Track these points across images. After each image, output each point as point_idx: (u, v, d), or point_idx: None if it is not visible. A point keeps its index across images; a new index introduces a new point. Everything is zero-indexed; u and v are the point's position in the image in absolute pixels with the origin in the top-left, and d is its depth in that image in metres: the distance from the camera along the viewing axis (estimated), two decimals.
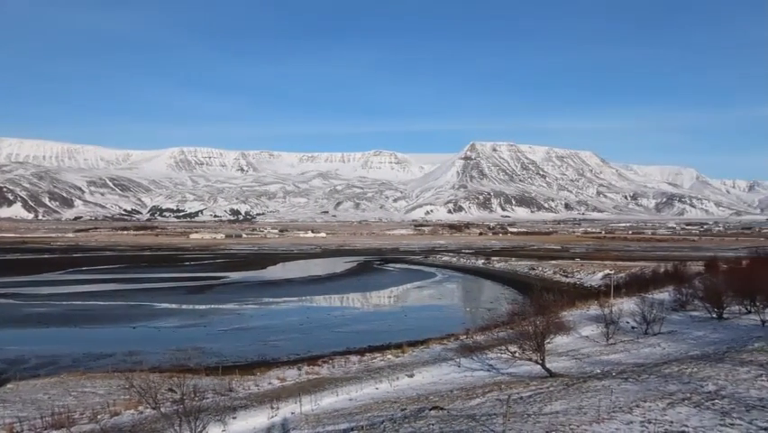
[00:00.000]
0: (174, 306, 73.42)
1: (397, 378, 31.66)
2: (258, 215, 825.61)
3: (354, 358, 41.08)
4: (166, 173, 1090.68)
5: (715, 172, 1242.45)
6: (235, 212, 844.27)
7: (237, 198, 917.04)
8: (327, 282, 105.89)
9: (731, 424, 14.94)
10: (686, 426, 15.18)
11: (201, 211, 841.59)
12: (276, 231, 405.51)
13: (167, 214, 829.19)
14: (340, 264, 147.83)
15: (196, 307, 72.93)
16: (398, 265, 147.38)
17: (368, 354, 42.43)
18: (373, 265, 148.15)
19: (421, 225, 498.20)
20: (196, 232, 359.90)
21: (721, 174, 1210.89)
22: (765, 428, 14.40)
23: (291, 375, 35.76)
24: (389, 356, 40.99)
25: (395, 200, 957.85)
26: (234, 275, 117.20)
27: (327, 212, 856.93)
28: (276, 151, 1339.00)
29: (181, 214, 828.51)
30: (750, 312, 43.67)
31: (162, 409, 22.87)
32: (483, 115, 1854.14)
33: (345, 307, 77.20)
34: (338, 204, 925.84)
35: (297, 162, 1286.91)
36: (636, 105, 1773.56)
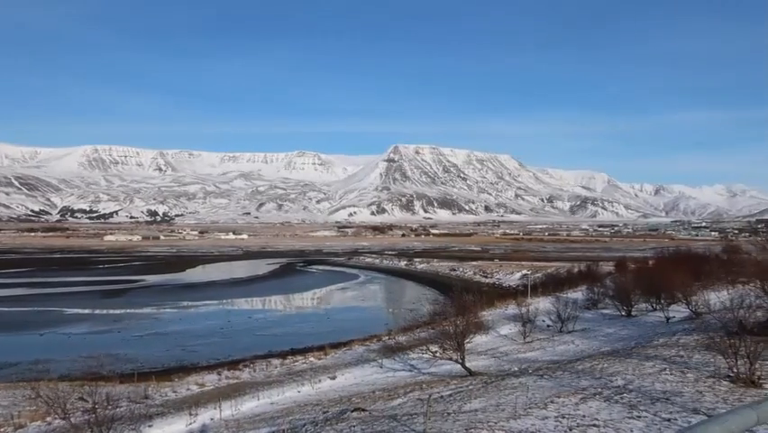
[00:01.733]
0: (86, 311, 70.34)
1: (320, 380, 31.53)
2: (177, 216, 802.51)
3: (276, 361, 40.63)
4: (77, 172, 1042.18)
5: (624, 177, 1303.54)
6: (153, 213, 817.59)
7: (155, 199, 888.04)
8: (249, 285, 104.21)
9: (638, 416, 15.68)
10: (597, 419, 15.83)
11: (116, 212, 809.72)
12: (195, 233, 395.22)
13: (79, 215, 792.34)
14: (262, 266, 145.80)
15: (110, 311, 70.13)
16: (322, 267, 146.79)
17: (290, 358, 42.07)
18: (296, 267, 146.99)
19: (344, 227, 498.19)
20: (111, 234, 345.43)
21: (630, 179, 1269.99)
22: (668, 419, 15.20)
23: (211, 380, 34.98)
24: (312, 359, 40.80)
25: (318, 202, 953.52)
26: (152, 278, 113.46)
27: (249, 213, 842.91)
28: (196, 150, 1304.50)
29: (95, 215, 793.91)
30: (655, 310, 45.97)
31: (72, 420, 21.82)
32: (406, 118, 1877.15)
33: (268, 309, 76.19)
34: (260, 205, 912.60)
35: (218, 162, 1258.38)
36: (554, 111, 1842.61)
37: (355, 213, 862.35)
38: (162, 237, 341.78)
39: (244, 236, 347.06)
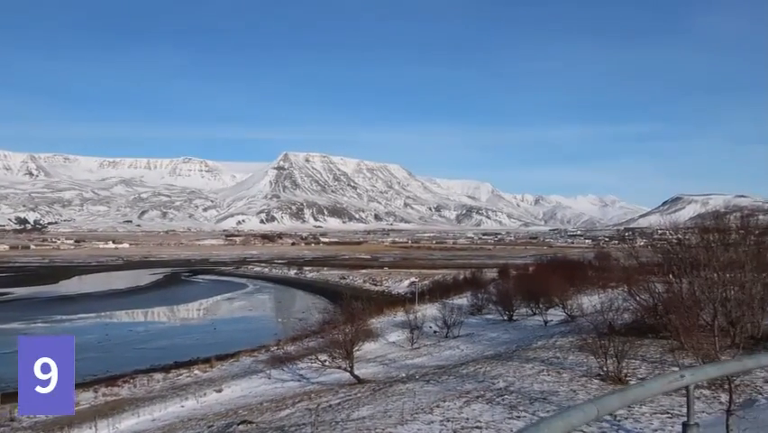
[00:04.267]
0: None
1: (205, 394, 30.57)
2: (50, 224, 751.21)
3: (159, 376, 38.98)
4: None
5: (507, 187, 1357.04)
6: (23, 221, 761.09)
7: (25, 206, 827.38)
8: (130, 296, 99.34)
9: (517, 416, 16.37)
10: (480, 421, 16.38)
11: None
12: (71, 241, 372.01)
13: None
14: (145, 276, 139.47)
15: None
16: (208, 277, 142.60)
17: (174, 371, 40.49)
18: (181, 277, 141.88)
19: (232, 236, 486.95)
20: None
21: (513, 189, 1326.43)
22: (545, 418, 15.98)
23: (86, 398, 32.98)
24: (197, 372, 39.50)
25: (205, 209, 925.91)
26: (20, 291, 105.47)
27: (131, 221, 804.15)
28: (72, 154, 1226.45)
29: None
30: (535, 314, 48.17)
31: None
32: (297, 125, 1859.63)
33: (150, 322, 72.93)
34: (143, 213, 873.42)
35: (96, 168, 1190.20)
36: (442, 122, 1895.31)
37: (244, 221, 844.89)
38: (33, 247, 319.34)
39: (125, 245, 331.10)
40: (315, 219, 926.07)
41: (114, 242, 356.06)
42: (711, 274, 23.70)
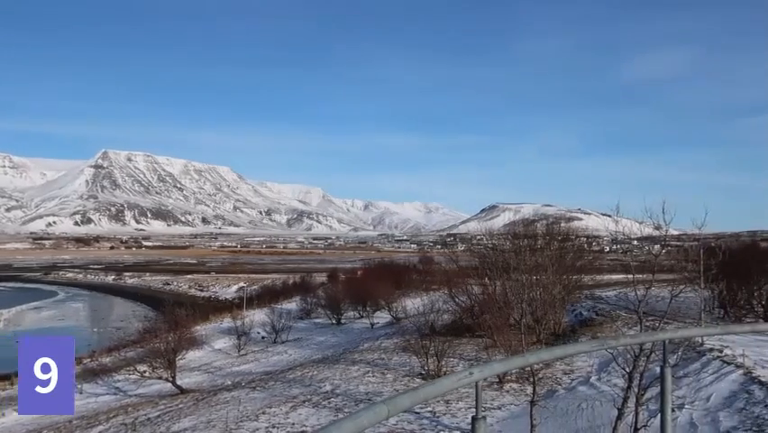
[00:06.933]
0: None
1: (3, 414, 27.59)
2: None
3: None
4: None
5: (338, 192, 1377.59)
6: None
7: None
8: None
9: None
10: (305, 425, 16.45)
11: None
12: None
13: None
14: None
15: None
16: (11, 284, 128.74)
17: None
18: None
19: (41, 239, 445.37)
20: None
21: (343, 194, 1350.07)
22: None
23: None
24: None
25: (8, 210, 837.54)
26: None
27: None
28: None
29: None
30: (362, 317, 49.27)
31: None
32: (118, 122, 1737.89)
33: None
34: None
35: None
36: (274, 125, 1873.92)
37: (55, 223, 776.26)
38: None
39: None
40: (138, 222, 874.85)
41: None
42: (520, 277, 25.85)
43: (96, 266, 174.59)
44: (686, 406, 13.93)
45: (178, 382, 28.60)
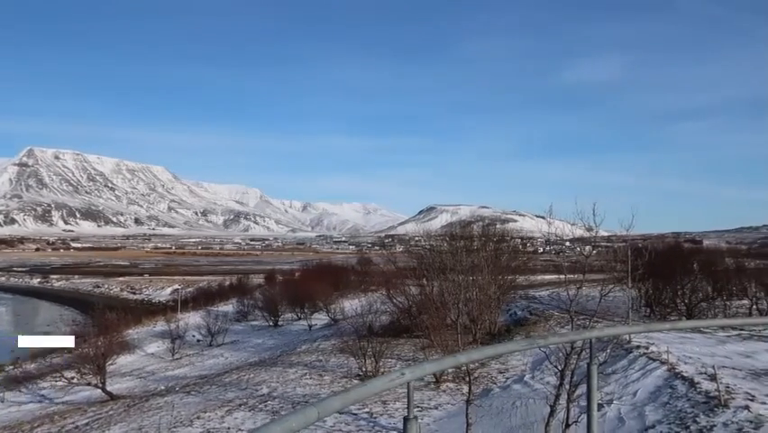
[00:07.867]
0: None
1: None
2: None
3: None
4: None
5: (276, 193, 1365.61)
6: None
7: None
8: None
9: None
10: (241, 429, 16.22)
11: None
12: None
13: None
14: None
15: None
16: None
17: None
18: None
19: None
20: None
21: (281, 195, 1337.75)
22: None
23: None
24: None
25: None
26: None
27: None
28: None
29: None
30: (300, 318, 48.96)
31: None
32: (45, 118, 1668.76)
33: None
34: None
35: None
36: (209, 124, 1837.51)
37: None
38: None
39: None
40: (66, 222, 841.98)
41: None
42: (457, 277, 26.22)
43: (19, 268, 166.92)
44: (614, 401, 14.44)
45: (109, 388, 27.72)
